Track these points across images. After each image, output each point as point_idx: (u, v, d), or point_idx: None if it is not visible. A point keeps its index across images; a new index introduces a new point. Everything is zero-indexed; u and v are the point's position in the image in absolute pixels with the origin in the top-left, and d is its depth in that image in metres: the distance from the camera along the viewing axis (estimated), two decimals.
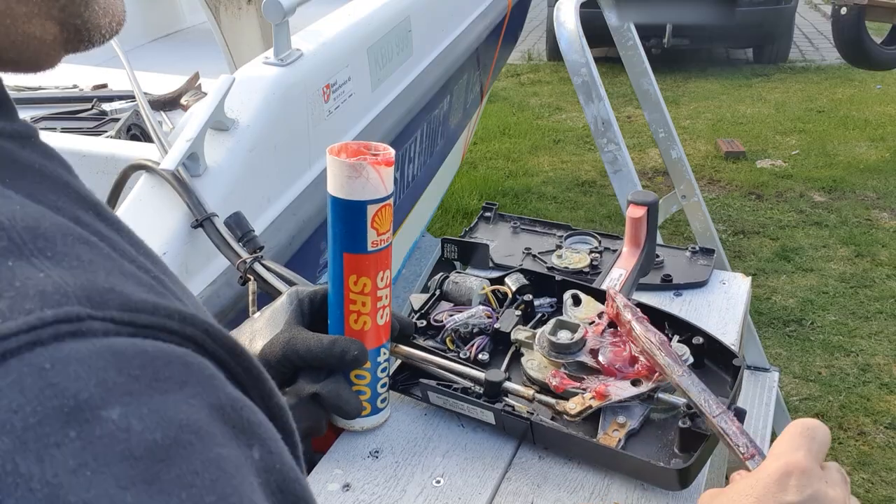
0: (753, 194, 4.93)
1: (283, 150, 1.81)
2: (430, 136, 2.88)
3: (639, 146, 5.54)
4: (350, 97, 2.07)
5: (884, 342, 3.47)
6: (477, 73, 3.41)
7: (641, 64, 2.28)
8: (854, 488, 2.70)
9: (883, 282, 3.93)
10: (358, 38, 2.17)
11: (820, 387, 3.21)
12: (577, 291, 1.03)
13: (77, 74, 2.53)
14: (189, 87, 2.37)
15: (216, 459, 0.33)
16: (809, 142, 5.70)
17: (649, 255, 1.18)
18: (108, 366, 0.31)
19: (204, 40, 3.34)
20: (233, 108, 1.68)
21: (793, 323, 3.63)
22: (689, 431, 0.86)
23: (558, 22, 1.88)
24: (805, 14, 9.20)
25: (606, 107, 1.86)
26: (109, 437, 0.30)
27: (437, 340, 1.03)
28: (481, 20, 3.22)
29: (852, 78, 6.92)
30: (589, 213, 4.72)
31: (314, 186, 1.88)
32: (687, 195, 2.32)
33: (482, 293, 1.08)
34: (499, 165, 5.42)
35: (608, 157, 1.87)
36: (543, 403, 0.91)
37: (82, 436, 0.30)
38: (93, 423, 0.30)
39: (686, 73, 7.29)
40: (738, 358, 0.95)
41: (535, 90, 7.19)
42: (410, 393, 1.00)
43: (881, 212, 4.64)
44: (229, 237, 1.37)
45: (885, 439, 2.92)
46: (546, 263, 1.35)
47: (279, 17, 1.75)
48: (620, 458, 0.87)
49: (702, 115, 6.33)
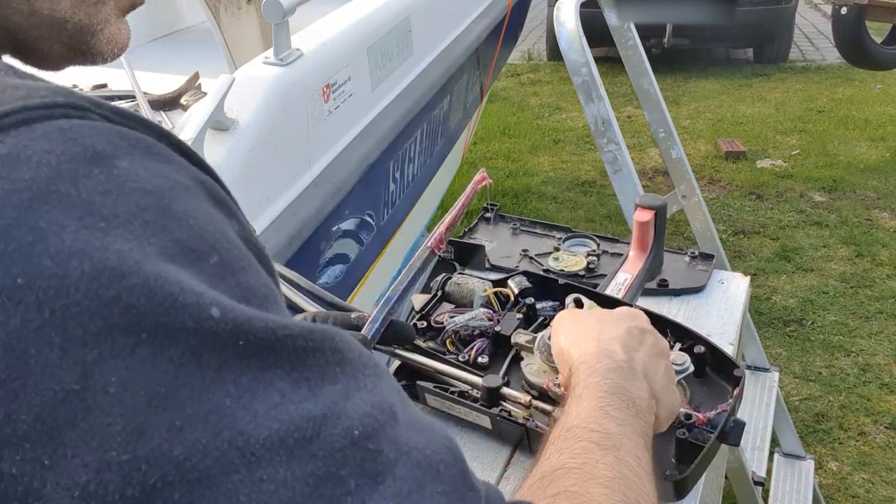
0: (753, 194, 4.93)
1: (283, 150, 1.81)
2: (430, 136, 2.88)
3: (639, 146, 5.54)
4: (350, 97, 2.07)
5: (884, 342, 3.47)
6: (477, 72, 3.40)
7: (641, 64, 2.28)
8: (854, 488, 2.70)
9: (883, 282, 3.92)
10: (358, 38, 2.17)
11: (820, 387, 3.21)
12: (580, 295, 1.02)
13: (77, 74, 2.53)
14: (189, 86, 2.37)
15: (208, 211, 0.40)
16: (810, 142, 5.69)
17: (656, 260, 1.17)
18: (111, 133, 0.39)
19: (204, 40, 3.33)
20: (233, 108, 1.68)
21: (793, 323, 3.63)
22: (686, 442, 0.85)
23: (558, 22, 1.87)
24: (805, 14, 9.20)
25: (606, 107, 1.86)
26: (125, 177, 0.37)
27: (437, 342, 1.03)
28: (481, 20, 3.22)
29: (852, 78, 6.92)
30: (589, 213, 4.72)
31: (314, 186, 1.88)
32: (687, 195, 2.32)
33: (484, 295, 1.07)
34: (499, 165, 5.42)
35: (608, 156, 1.87)
36: (540, 410, 0.91)
37: (104, 172, 0.37)
38: (110, 167, 0.37)
39: (686, 72, 7.29)
40: (740, 368, 0.94)
41: (535, 90, 7.19)
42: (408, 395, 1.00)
43: (881, 212, 4.64)
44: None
45: (886, 439, 2.92)
46: (542, 266, 1.35)
47: (279, 17, 1.75)
48: None
49: (702, 114, 6.33)
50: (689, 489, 0.84)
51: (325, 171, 1.94)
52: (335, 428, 0.37)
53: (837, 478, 2.76)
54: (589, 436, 0.61)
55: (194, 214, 0.39)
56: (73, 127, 0.38)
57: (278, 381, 0.37)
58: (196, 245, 0.38)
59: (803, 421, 3.00)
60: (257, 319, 0.37)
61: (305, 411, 0.37)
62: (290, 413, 0.36)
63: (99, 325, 0.34)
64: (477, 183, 0.94)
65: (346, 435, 0.37)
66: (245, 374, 0.36)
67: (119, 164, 0.38)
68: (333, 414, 0.37)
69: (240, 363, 0.36)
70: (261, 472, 0.35)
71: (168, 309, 0.35)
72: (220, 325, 0.36)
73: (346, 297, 2.16)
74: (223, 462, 0.34)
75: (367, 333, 0.90)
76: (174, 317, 0.35)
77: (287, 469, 0.35)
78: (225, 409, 0.35)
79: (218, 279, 0.38)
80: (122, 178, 0.37)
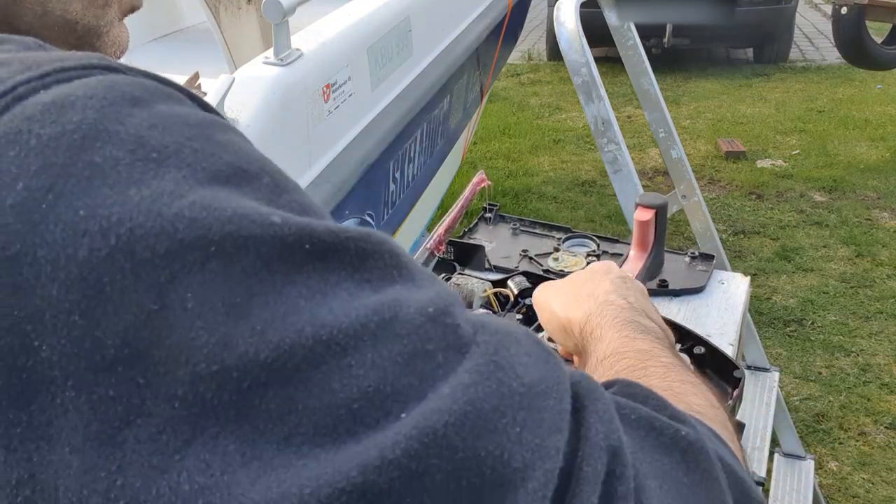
0: (754, 194, 4.93)
1: (283, 150, 1.81)
2: (430, 136, 2.88)
3: (639, 146, 5.54)
4: (350, 97, 2.07)
5: (884, 342, 3.47)
6: (477, 72, 3.40)
7: (641, 64, 2.28)
8: (854, 488, 2.70)
9: (883, 282, 3.92)
10: (358, 38, 2.17)
11: (820, 387, 3.21)
12: None
13: None
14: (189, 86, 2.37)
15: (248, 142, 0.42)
16: (810, 142, 5.69)
17: (656, 260, 1.17)
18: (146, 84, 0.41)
19: (204, 40, 3.34)
20: (233, 107, 1.68)
21: (793, 323, 3.63)
22: None
23: (558, 22, 1.87)
24: (805, 14, 9.20)
25: (606, 107, 1.86)
26: (167, 114, 0.39)
27: None
28: (481, 20, 3.22)
29: (853, 78, 6.92)
30: (589, 213, 4.72)
31: (314, 186, 1.88)
32: (687, 195, 2.32)
33: (484, 296, 1.07)
34: (499, 165, 5.42)
35: (608, 156, 1.87)
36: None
37: (147, 111, 0.39)
38: (150, 107, 0.39)
39: (686, 72, 7.29)
40: (739, 369, 0.94)
41: (535, 90, 7.19)
42: None
43: (881, 212, 4.64)
44: None
45: (886, 439, 2.92)
46: (542, 266, 1.35)
47: (279, 17, 1.75)
48: None
49: (702, 114, 6.33)
50: None
51: (325, 171, 1.94)
52: (410, 308, 0.38)
53: (837, 478, 2.76)
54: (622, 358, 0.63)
55: (235, 142, 0.40)
56: (107, 79, 0.40)
57: (344, 282, 0.38)
58: (247, 166, 0.39)
59: (803, 421, 3.00)
60: (318, 223, 0.38)
61: (376, 300, 0.38)
62: (364, 303, 0.37)
63: (166, 244, 0.35)
64: (476, 184, 0.94)
65: (422, 312, 0.38)
66: (313, 276, 0.37)
67: (158, 105, 0.39)
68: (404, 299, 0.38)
69: (308, 266, 0.37)
70: (348, 359, 0.36)
71: (230, 218, 0.36)
72: (284, 230, 0.37)
73: None
74: (310, 356, 0.35)
75: None
76: (238, 225, 0.36)
77: (374, 352, 0.36)
78: (302, 309, 0.36)
79: (275, 195, 0.39)
80: (164, 114, 0.39)
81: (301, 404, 0.35)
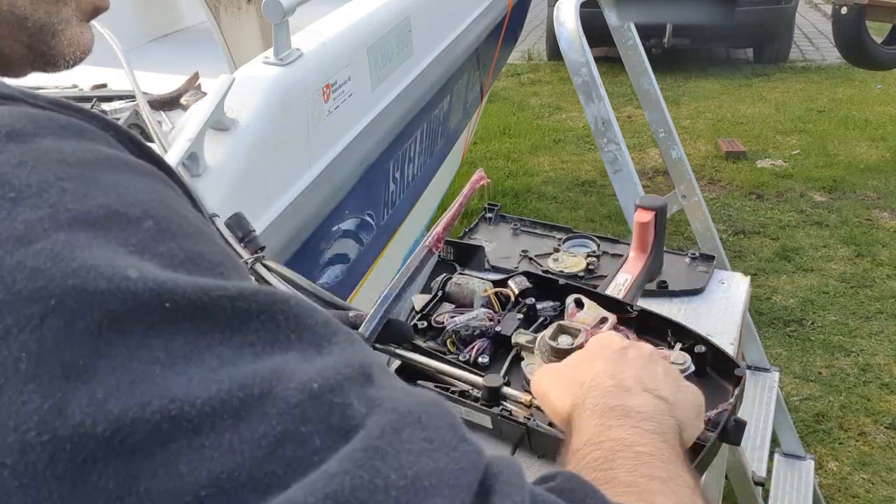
0: (754, 194, 4.93)
1: (283, 149, 1.81)
2: (430, 136, 2.88)
3: (639, 146, 5.54)
4: (350, 97, 2.07)
5: (884, 342, 3.47)
6: (477, 72, 3.40)
7: (641, 64, 2.28)
8: (854, 488, 2.70)
9: (883, 282, 3.92)
10: (358, 38, 2.17)
11: (820, 387, 3.21)
12: (581, 296, 1.02)
13: (77, 74, 2.53)
14: (189, 86, 2.37)
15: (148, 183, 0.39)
16: (810, 142, 5.69)
17: (656, 261, 1.17)
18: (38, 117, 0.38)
19: (204, 40, 3.33)
20: (232, 107, 1.68)
21: (793, 323, 3.63)
22: None
23: (558, 22, 1.87)
24: (805, 14, 9.20)
25: (606, 106, 1.86)
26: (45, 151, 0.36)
27: (437, 342, 1.03)
28: (481, 20, 3.22)
29: (853, 78, 6.91)
30: (589, 213, 4.72)
31: (314, 186, 1.88)
32: (687, 195, 2.32)
33: (484, 295, 1.07)
34: (499, 165, 5.42)
35: (608, 156, 1.87)
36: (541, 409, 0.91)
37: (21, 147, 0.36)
38: (29, 143, 0.36)
39: (686, 72, 7.29)
40: (740, 368, 0.94)
41: (535, 90, 7.19)
42: None
43: (881, 212, 4.64)
44: (231, 238, 1.36)
45: (886, 439, 2.92)
46: (542, 266, 1.35)
47: (279, 17, 1.75)
48: None
49: (702, 114, 6.33)
50: None
51: (325, 171, 1.94)
52: (290, 383, 0.34)
53: (837, 478, 2.76)
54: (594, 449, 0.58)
55: (124, 184, 0.37)
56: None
57: (217, 346, 0.34)
58: (126, 210, 0.36)
59: (803, 421, 3.00)
60: (185, 280, 0.35)
61: (251, 371, 0.33)
62: (232, 374, 0.33)
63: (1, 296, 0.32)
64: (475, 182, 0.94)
65: (302, 389, 0.33)
66: (176, 338, 0.33)
67: (40, 141, 0.37)
68: (286, 371, 0.34)
69: (169, 327, 0.33)
70: (201, 439, 0.32)
71: (76, 270, 0.33)
72: (138, 286, 0.33)
73: (346, 297, 2.16)
74: (155, 433, 0.31)
75: (364, 332, 0.90)
76: (84, 278, 0.32)
77: (234, 432, 0.32)
78: (154, 377, 0.32)
79: (154, 242, 0.36)
80: (40, 151, 0.36)
81: (143, 486, 0.31)
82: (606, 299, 1.02)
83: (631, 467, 0.54)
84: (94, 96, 2.37)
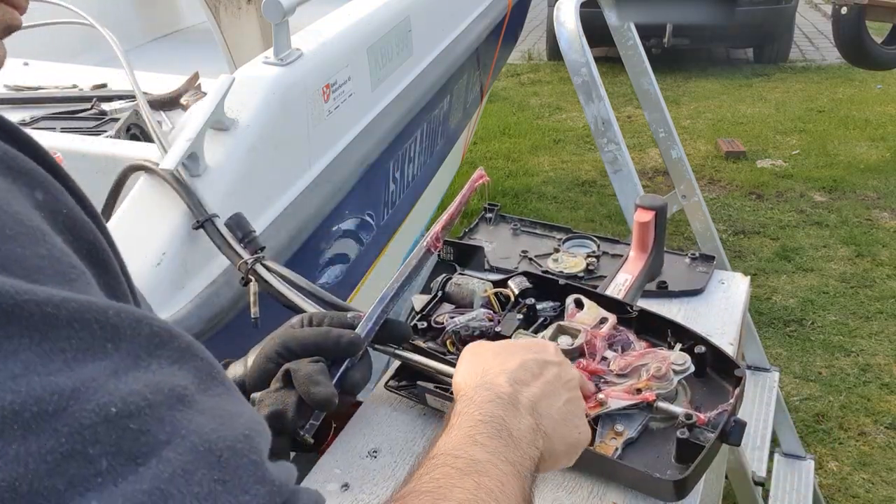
0: (754, 194, 4.93)
1: (283, 149, 1.81)
2: (430, 136, 2.88)
3: (639, 146, 5.54)
4: (350, 97, 2.07)
5: (884, 342, 3.47)
6: (477, 72, 3.40)
7: (641, 64, 2.28)
8: (854, 488, 2.70)
9: (883, 282, 3.92)
10: (358, 38, 2.17)
11: (820, 387, 3.21)
12: (581, 296, 1.02)
13: (77, 74, 2.53)
14: (189, 86, 2.37)
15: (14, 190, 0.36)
16: (810, 142, 5.69)
17: (656, 261, 1.17)
18: None
19: (204, 40, 3.33)
20: (232, 107, 1.68)
21: (793, 323, 3.63)
22: (686, 442, 0.85)
23: (558, 22, 1.87)
24: (805, 14, 9.20)
25: (606, 106, 1.86)
26: None
27: (437, 342, 1.03)
28: (481, 20, 3.22)
29: (853, 78, 6.92)
30: (589, 213, 4.72)
31: (314, 186, 1.88)
32: (687, 195, 2.32)
33: (484, 295, 1.07)
34: (499, 165, 5.42)
35: (608, 156, 1.87)
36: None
37: None
38: None
39: (686, 72, 7.29)
40: (740, 368, 0.94)
41: (535, 90, 7.19)
42: (409, 395, 1.00)
43: (881, 212, 4.64)
44: (231, 238, 1.36)
45: (886, 439, 2.92)
46: (542, 267, 1.34)
47: (279, 17, 1.75)
48: (616, 468, 0.87)
49: (702, 114, 6.33)
50: (690, 489, 0.84)
51: (325, 171, 1.94)
52: (87, 403, 0.33)
53: (837, 478, 2.76)
54: (451, 461, 0.59)
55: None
56: None
57: (23, 351, 0.33)
58: None
59: (803, 421, 3.00)
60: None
61: (51, 384, 0.33)
62: (32, 385, 0.33)
63: None
64: (474, 181, 0.94)
65: (99, 411, 0.33)
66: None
67: None
68: (89, 389, 0.34)
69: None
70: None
71: None
72: None
73: (346, 297, 2.16)
74: None
75: (361, 331, 0.90)
76: None
77: (23, 444, 0.32)
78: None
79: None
80: None
81: None
82: (606, 299, 1.02)
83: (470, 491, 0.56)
84: (94, 96, 2.37)
